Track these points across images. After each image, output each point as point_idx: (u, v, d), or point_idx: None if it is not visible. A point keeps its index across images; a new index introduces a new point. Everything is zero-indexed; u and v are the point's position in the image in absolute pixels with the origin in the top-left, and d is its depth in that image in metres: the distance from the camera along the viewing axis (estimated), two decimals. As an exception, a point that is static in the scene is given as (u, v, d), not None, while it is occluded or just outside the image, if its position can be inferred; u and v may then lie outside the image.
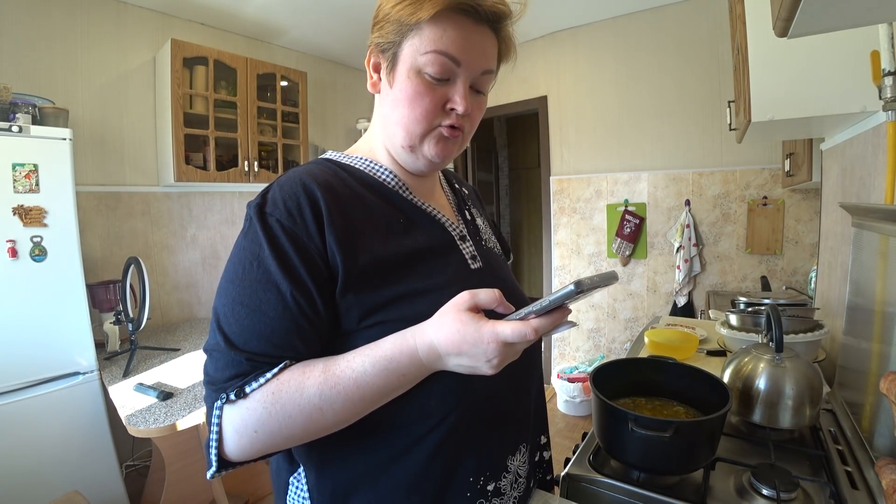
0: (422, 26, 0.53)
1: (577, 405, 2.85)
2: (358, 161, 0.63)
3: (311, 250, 0.51)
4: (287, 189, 0.53)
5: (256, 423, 0.47)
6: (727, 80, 2.43)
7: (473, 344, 0.45)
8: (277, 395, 0.47)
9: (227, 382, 0.48)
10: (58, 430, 1.71)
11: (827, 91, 1.05)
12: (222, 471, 0.50)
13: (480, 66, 0.56)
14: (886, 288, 0.76)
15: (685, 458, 0.71)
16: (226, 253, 2.80)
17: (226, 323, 0.49)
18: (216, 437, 0.49)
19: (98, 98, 2.25)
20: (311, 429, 0.49)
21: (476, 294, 0.46)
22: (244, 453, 0.49)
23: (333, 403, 0.47)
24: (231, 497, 1.82)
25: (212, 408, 0.49)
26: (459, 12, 0.53)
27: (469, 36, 0.54)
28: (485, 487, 0.57)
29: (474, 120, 0.60)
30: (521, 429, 0.63)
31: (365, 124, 3.41)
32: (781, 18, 0.58)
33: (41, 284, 1.67)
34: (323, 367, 0.49)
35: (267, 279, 0.49)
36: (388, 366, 0.48)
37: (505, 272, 0.70)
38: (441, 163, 0.60)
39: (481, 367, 0.46)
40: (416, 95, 0.54)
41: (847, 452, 0.81)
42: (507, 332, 0.43)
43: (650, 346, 1.35)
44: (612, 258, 2.98)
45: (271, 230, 0.51)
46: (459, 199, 0.73)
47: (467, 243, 0.64)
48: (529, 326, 0.43)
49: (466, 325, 0.45)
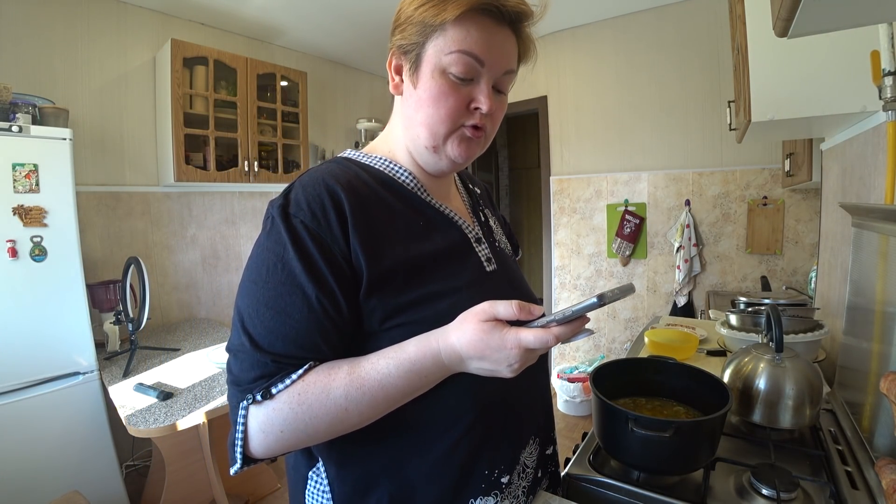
0: (446, 27, 0.54)
1: (577, 405, 2.85)
2: (378, 161, 0.63)
3: (336, 252, 0.51)
4: (311, 190, 0.53)
5: (283, 423, 0.49)
6: (727, 80, 2.42)
7: (497, 349, 0.46)
8: (303, 395, 0.48)
9: (252, 383, 0.49)
10: (58, 430, 1.71)
11: (827, 91, 1.05)
12: (245, 467, 0.52)
13: (503, 65, 0.57)
14: (886, 288, 0.76)
15: (685, 458, 0.71)
16: (226, 253, 2.80)
17: (251, 324, 0.50)
18: (242, 435, 0.50)
19: (98, 98, 2.25)
20: (335, 428, 0.50)
21: (495, 306, 0.48)
22: (269, 451, 0.50)
23: (359, 404, 0.49)
24: (231, 497, 1.82)
25: (237, 407, 0.50)
26: (483, 13, 0.54)
27: (492, 36, 0.55)
28: (499, 479, 0.59)
29: (496, 120, 0.61)
30: (531, 423, 0.66)
31: (365, 124, 3.41)
32: (781, 18, 0.58)
33: (41, 284, 1.67)
34: (348, 369, 0.50)
35: (292, 281, 0.50)
36: (411, 368, 0.49)
37: (517, 274, 0.72)
38: (463, 163, 0.60)
39: (502, 370, 0.48)
40: (441, 95, 0.55)
41: (847, 452, 0.80)
42: (530, 339, 0.45)
43: (650, 346, 1.35)
44: (612, 258, 2.98)
45: (296, 231, 0.51)
46: (474, 199, 0.74)
47: (482, 245, 0.65)
48: (551, 334, 0.45)
49: (489, 332, 0.46)
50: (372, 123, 3.40)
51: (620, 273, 2.97)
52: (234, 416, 0.50)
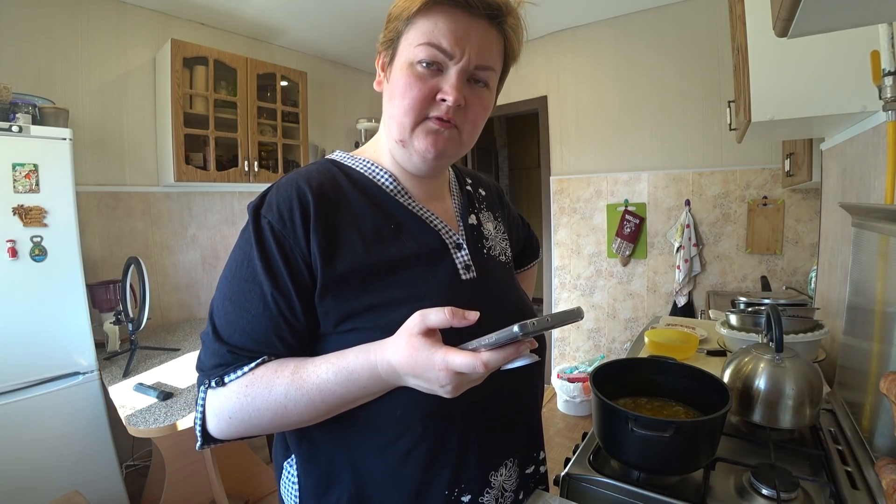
0: (415, 20, 0.55)
1: (577, 405, 2.85)
2: (360, 163, 0.63)
3: (296, 253, 0.53)
4: (282, 192, 0.56)
5: (231, 411, 0.52)
6: (727, 80, 2.42)
7: (426, 369, 0.44)
8: (250, 388, 0.51)
9: (212, 370, 0.53)
10: (58, 430, 1.71)
11: (827, 91, 1.05)
12: (206, 445, 0.56)
13: (475, 59, 0.55)
14: (886, 288, 0.76)
15: (685, 458, 0.71)
16: (225, 253, 2.80)
17: (216, 315, 0.54)
18: (200, 416, 0.55)
19: (98, 98, 2.25)
20: (277, 423, 0.52)
21: (426, 315, 0.45)
22: (222, 433, 0.54)
23: (297, 404, 0.50)
24: (231, 497, 1.82)
25: (199, 390, 0.55)
26: (455, 5, 0.54)
27: (462, 28, 0.54)
28: (459, 498, 0.57)
29: (473, 116, 0.57)
30: (506, 445, 0.62)
31: (365, 124, 3.41)
32: (781, 18, 0.58)
33: (41, 284, 1.67)
34: (293, 369, 0.51)
35: (253, 278, 0.53)
36: (349, 377, 0.49)
37: (503, 282, 0.67)
38: (434, 159, 0.57)
39: (437, 390, 0.46)
40: (406, 86, 0.55)
41: (847, 452, 0.80)
42: (456, 361, 0.42)
43: (650, 346, 1.35)
44: (612, 258, 2.98)
45: (262, 231, 0.54)
46: (469, 202, 0.71)
47: (461, 252, 0.62)
48: (479, 360, 0.41)
49: (418, 350, 0.44)
50: (372, 123, 3.40)
51: (620, 273, 2.97)
52: (197, 398, 0.55)
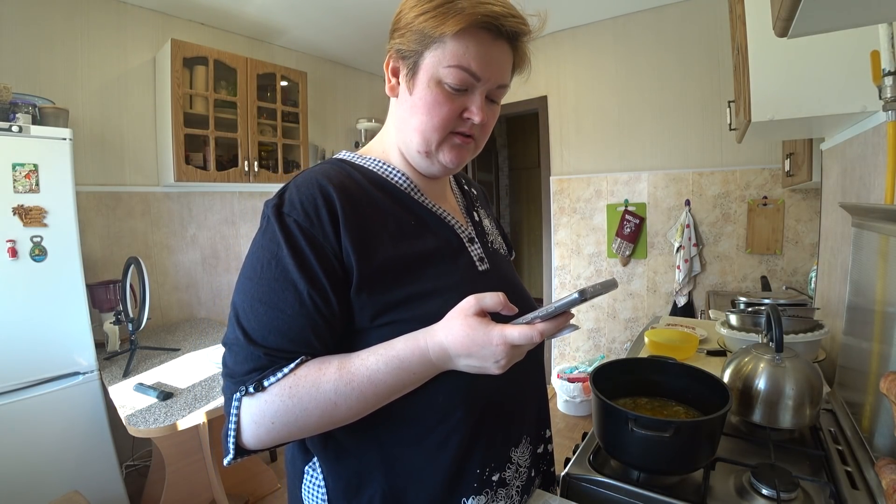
0: (445, 40, 0.55)
1: (577, 405, 2.85)
2: (371, 162, 0.65)
3: (327, 250, 0.53)
4: (304, 190, 0.55)
5: (273, 415, 0.50)
6: (727, 80, 2.42)
7: (483, 346, 0.47)
8: (294, 389, 0.50)
9: (246, 376, 0.51)
10: (58, 430, 1.71)
11: (827, 91, 1.05)
12: (238, 458, 0.53)
13: (497, 80, 0.58)
14: (886, 288, 0.76)
15: (685, 458, 0.71)
16: (226, 253, 2.80)
17: (245, 319, 0.52)
18: (234, 426, 0.52)
19: (98, 98, 2.25)
20: (325, 421, 0.52)
21: (482, 299, 0.49)
22: (260, 442, 0.52)
23: (348, 399, 0.50)
24: (231, 497, 1.82)
25: (230, 399, 0.52)
26: (481, 28, 0.54)
27: (489, 52, 0.56)
28: (490, 478, 0.60)
29: (487, 129, 0.62)
30: (523, 422, 0.66)
31: (365, 124, 3.41)
32: (781, 18, 0.58)
33: (41, 284, 1.67)
34: (339, 364, 0.51)
35: (285, 278, 0.52)
36: (400, 365, 0.50)
37: (510, 273, 0.72)
38: (454, 168, 0.62)
39: (489, 367, 0.49)
40: (435, 104, 0.56)
41: (847, 452, 0.80)
42: (514, 335, 0.46)
43: (650, 346, 1.35)
44: (612, 258, 2.98)
45: (289, 230, 0.53)
46: (468, 200, 0.75)
47: (475, 245, 0.66)
48: (536, 330, 0.46)
49: (475, 329, 0.47)
50: (372, 123, 3.40)
51: (620, 273, 2.97)
52: (228, 407, 0.52)
